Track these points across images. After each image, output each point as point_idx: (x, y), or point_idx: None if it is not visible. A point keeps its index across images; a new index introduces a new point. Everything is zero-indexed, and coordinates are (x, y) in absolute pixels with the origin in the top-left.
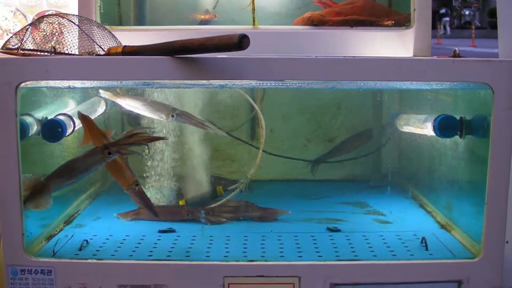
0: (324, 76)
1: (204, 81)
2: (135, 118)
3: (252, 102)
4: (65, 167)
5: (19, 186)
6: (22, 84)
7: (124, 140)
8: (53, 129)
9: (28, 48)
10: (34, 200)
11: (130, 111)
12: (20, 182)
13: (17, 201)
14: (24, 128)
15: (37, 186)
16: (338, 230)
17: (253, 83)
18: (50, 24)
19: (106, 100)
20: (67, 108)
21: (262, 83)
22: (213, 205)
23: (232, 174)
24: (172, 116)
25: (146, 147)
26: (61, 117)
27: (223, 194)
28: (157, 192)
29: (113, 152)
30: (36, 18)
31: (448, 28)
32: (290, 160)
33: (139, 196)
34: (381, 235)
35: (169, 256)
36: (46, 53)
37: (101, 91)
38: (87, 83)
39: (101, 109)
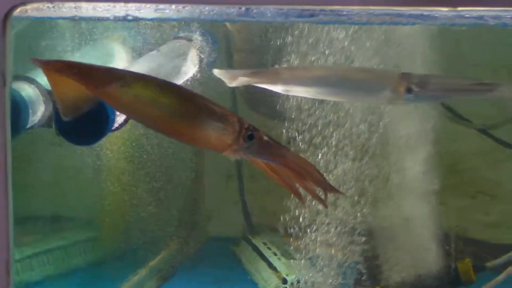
0: None
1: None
2: (258, 97)
3: None
4: None
5: (7, 222)
6: (17, 11)
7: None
8: (82, 119)
9: None
10: None
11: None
12: (8, 212)
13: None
14: (18, 111)
15: None
16: None
17: None
18: None
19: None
20: (113, 64)
21: None
22: None
23: (494, 229)
24: (409, 90)
25: None
26: None
27: (473, 278)
28: (309, 268)
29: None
30: None
31: None
32: None
33: (262, 151)
34: None
35: None
36: None
37: (216, 71)
38: (148, 10)
39: (189, 68)
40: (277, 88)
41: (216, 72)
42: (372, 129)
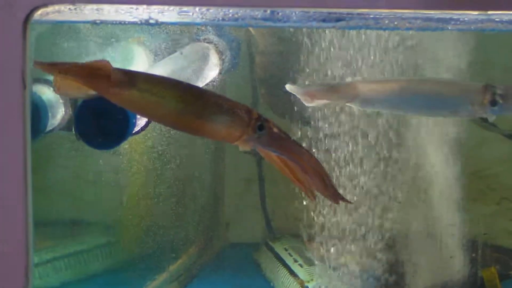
0: None
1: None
2: (280, 101)
3: None
4: None
5: (27, 226)
6: (39, 13)
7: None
8: (103, 122)
9: None
10: None
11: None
12: (28, 216)
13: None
14: (38, 114)
15: None
16: None
17: None
18: None
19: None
20: (133, 67)
21: None
22: None
23: None
24: (493, 102)
25: None
26: None
27: (498, 287)
28: (331, 275)
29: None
30: None
31: None
32: None
33: (273, 142)
34: None
35: None
36: None
37: (288, 86)
38: (171, 13)
39: (211, 71)
40: (355, 104)
41: (288, 87)
42: (397, 135)
